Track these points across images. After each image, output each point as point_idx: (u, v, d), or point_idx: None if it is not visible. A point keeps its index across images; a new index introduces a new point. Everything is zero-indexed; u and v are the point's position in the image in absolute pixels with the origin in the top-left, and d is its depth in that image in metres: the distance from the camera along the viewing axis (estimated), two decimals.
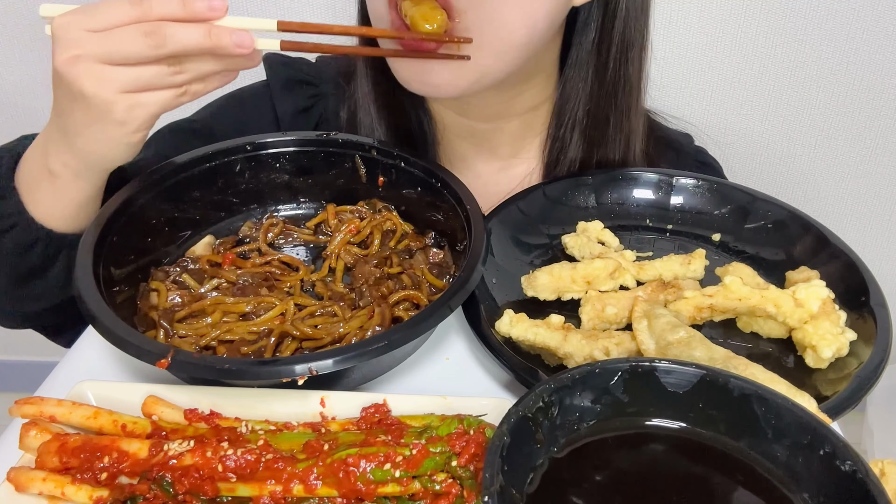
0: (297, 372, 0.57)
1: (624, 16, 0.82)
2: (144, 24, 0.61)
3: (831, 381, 0.66)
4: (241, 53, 0.63)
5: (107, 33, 0.62)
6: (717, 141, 1.06)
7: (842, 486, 0.47)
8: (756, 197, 0.86)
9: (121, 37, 0.61)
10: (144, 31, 0.61)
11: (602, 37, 0.83)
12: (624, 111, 0.88)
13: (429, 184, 0.81)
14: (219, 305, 0.72)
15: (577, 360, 0.66)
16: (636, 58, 0.86)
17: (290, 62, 1.00)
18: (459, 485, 0.53)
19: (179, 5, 0.61)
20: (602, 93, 0.87)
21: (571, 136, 0.90)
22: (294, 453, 0.55)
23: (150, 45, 0.61)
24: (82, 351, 0.72)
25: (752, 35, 1.38)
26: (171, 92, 0.65)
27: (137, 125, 0.66)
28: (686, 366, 0.53)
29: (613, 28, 0.83)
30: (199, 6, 0.61)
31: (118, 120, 0.64)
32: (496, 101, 0.88)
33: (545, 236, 0.86)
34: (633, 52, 0.85)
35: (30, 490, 0.53)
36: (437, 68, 0.75)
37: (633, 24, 0.83)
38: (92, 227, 0.70)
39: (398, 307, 0.73)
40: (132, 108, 0.64)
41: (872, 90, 1.44)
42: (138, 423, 0.58)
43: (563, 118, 0.89)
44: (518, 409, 0.50)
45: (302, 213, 0.88)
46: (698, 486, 0.51)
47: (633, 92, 0.88)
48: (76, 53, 0.62)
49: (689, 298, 0.71)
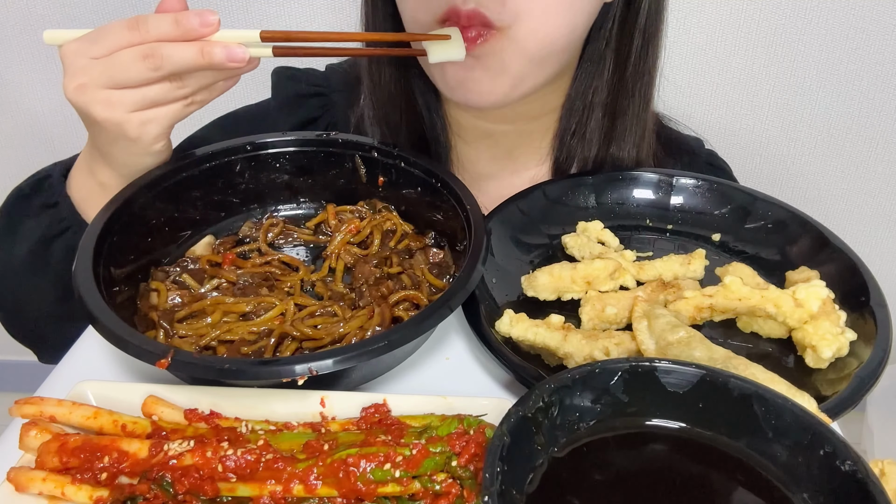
0: (297, 372, 0.57)
1: (647, 8, 0.83)
2: (143, 46, 0.64)
3: (831, 381, 0.66)
4: (235, 67, 0.65)
5: (108, 59, 0.64)
6: (717, 141, 1.06)
7: (842, 486, 0.47)
8: (756, 197, 0.86)
9: (122, 62, 0.64)
10: (143, 55, 0.63)
11: (624, 29, 0.83)
12: (641, 104, 0.88)
13: (429, 184, 0.81)
14: (219, 305, 0.72)
15: (577, 360, 0.66)
16: (655, 47, 0.86)
17: (298, 75, 1.01)
18: (459, 485, 0.53)
19: (173, 25, 0.63)
20: (622, 86, 0.87)
21: (586, 130, 0.89)
22: (294, 453, 0.55)
23: (149, 68, 0.64)
24: (82, 351, 0.72)
25: (753, 35, 1.38)
26: (178, 104, 0.68)
27: (153, 138, 0.70)
28: (686, 366, 0.53)
29: (637, 21, 0.83)
30: (192, 23, 0.63)
31: (132, 137, 0.68)
32: (520, 104, 0.88)
33: (545, 236, 0.86)
34: (653, 42, 0.86)
35: (30, 490, 0.53)
36: (479, 75, 0.76)
37: (654, 16, 0.84)
38: (92, 227, 0.70)
39: (398, 307, 0.73)
40: (143, 125, 0.68)
41: (873, 90, 1.44)
42: (138, 423, 0.58)
43: (578, 113, 0.89)
44: (518, 409, 0.50)
45: (302, 213, 0.88)
46: (698, 486, 0.51)
47: (651, 83, 0.88)
48: (82, 82, 0.65)
49: (689, 298, 0.71)
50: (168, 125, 0.70)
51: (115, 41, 0.64)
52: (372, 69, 0.90)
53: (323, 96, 1.00)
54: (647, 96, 0.89)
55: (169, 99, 0.67)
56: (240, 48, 0.64)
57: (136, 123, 0.67)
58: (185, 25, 0.63)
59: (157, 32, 0.64)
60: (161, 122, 0.69)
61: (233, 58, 0.63)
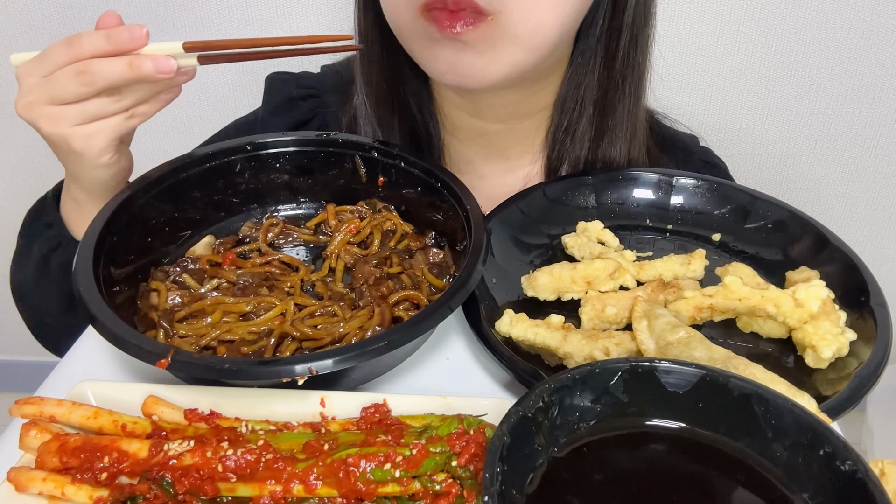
0: (297, 372, 0.57)
1: (635, 4, 0.83)
2: (78, 63, 0.67)
3: (831, 381, 0.66)
4: (164, 78, 0.68)
5: (50, 77, 0.68)
6: (717, 141, 1.06)
7: (842, 486, 0.47)
8: (756, 197, 0.86)
9: (59, 79, 0.68)
10: (77, 71, 0.67)
11: (613, 25, 0.84)
12: (632, 100, 0.89)
13: (429, 184, 0.81)
14: (219, 305, 0.72)
15: (577, 360, 0.66)
16: (644, 44, 0.87)
17: (289, 79, 1.02)
18: (459, 485, 0.53)
19: (105, 40, 0.67)
20: (611, 81, 0.87)
21: (578, 127, 0.90)
22: (294, 453, 0.55)
23: (83, 83, 0.67)
24: (82, 351, 0.72)
25: (752, 35, 1.38)
26: (118, 117, 0.71)
27: (98, 151, 0.72)
28: (686, 366, 0.53)
29: (624, 16, 0.83)
30: (122, 38, 0.66)
31: (78, 151, 0.71)
32: (513, 101, 0.88)
33: (545, 236, 0.86)
34: (642, 39, 0.86)
35: (30, 490, 0.53)
36: (471, 59, 0.75)
37: (642, 12, 0.84)
38: (92, 227, 0.70)
39: (398, 307, 0.73)
40: (87, 138, 0.71)
41: (873, 90, 1.44)
42: (138, 423, 0.58)
43: (570, 110, 0.89)
44: (518, 409, 0.50)
45: (302, 213, 0.88)
46: (698, 486, 0.51)
47: (641, 80, 0.89)
48: (29, 99, 0.70)
49: (689, 298, 0.71)
50: (111, 138, 0.72)
51: (56, 60, 0.68)
52: (364, 69, 0.90)
53: (315, 98, 1.00)
54: (637, 93, 0.89)
55: (108, 112, 0.70)
56: (167, 59, 0.67)
57: (80, 137, 0.70)
58: (115, 40, 0.66)
59: (90, 49, 0.67)
60: (104, 135, 0.71)
61: (160, 69, 0.67)
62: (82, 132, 0.70)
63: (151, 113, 0.73)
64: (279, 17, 1.42)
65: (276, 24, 1.42)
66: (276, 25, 1.43)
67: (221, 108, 1.49)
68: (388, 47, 0.87)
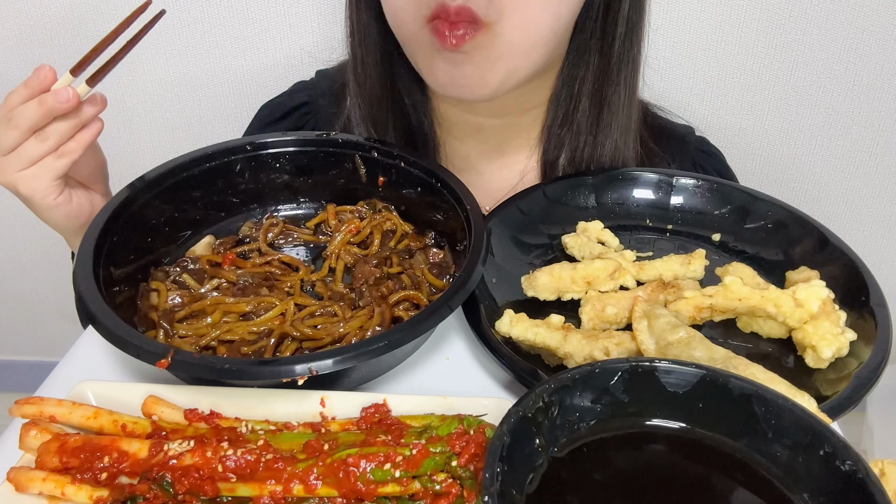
0: (297, 372, 0.57)
1: None
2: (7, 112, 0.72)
3: (831, 381, 0.66)
4: (66, 107, 0.71)
5: None
6: (717, 140, 1.06)
7: (842, 486, 0.47)
8: (756, 197, 0.86)
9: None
10: (6, 119, 0.72)
11: (608, 18, 0.84)
12: (627, 93, 0.89)
13: (429, 184, 0.81)
14: (219, 305, 0.72)
15: (577, 360, 0.66)
16: (639, 37, 0.87)
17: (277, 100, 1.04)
18: (459, 485, 0.53)
19: (24, 88, 0.72)
20: (607, 75, 0.87)
21: (574, 121, 0.90)
22: (294, 453, 0.55)
23: (12, 128, 0.72)
24: (82, 351, 0.72)
25: (752, 34, 1.38)
26: (49, 158, 0.74)
27: (41, 193, 0.76)
28: (686, 366, 0.53)
29: (619, 9, 0.83)
30: (34, 81, 0.71)
31: (25, 195, 0.76)
32: (510, 97, 0.88)
33: (545, 236, 0.86)
34: (636, 32, 0.86)
35: (30, 490, 0.53)
36: (468, 70, 0.76)
37: (636, 4, 0.85)
38: (92, 228, 0.70)
39: (398, 307, 0.73)
40: (28, 182, 0.75)
41: (873, 90, 1.43)
42: (138, 423, 0.58)
43: (565, 103, 0.90)
44: (518, 409, 0.50)
45: (302, 213, 0.88)
46: (698, 486, 0.51)
47: (635, 72, 0.89)
48: None
49: (689, 298, 0.71)
50: (50, 179, 0.75)
51: None
52: (357, 70, 0.90)
53: (307, 104, 1.02)
54: (632, 85, 0.89)
55: (39, 153, 0.73)
56: (65, 89, 0.71)
57: (23, 181, 0.75)
58: (30, 85, 0.72)
59: (16, 98, 0.72)
60: (42, 177, 0.75)
61: (58, 98, 0.71)
62: (23, 177, 0.74)
63: (79, 149, 0.75)
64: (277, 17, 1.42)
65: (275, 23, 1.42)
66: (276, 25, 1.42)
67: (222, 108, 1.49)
68: (382, 47, 0.87)
